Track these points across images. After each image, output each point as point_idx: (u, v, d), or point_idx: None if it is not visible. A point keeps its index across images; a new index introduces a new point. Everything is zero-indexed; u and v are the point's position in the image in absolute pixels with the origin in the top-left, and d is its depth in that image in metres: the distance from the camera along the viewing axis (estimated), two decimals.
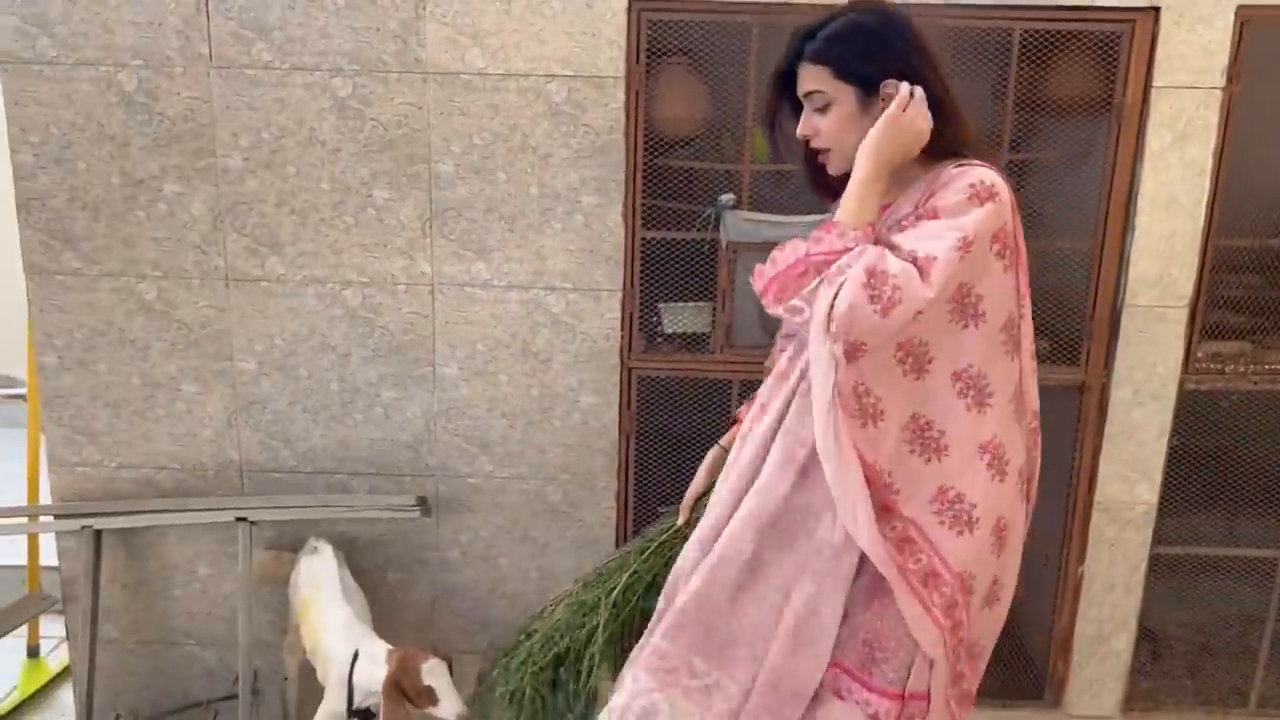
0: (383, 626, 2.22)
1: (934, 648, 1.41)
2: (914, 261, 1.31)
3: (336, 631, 2.10)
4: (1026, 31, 2.16)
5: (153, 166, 2.26)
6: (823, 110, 1.46)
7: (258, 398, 2.40)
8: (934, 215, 1.35)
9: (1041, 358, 2.36)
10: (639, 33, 2.17)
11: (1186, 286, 2.28)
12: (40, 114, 2.25)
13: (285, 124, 2.24)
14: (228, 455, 2.44)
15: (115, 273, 2.33)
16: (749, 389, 2.37)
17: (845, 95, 1.44)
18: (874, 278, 1.29)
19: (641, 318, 2.35)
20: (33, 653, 2.79)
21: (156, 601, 2.55)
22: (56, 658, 2.87)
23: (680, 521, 1.74)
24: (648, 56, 2.18)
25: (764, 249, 2.23)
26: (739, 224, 2.19)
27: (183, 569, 2.52)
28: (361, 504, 2.33)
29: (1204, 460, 2.41)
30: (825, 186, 1.55)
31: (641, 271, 2.29)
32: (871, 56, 1.43)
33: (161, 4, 2.20)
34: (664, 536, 1.77)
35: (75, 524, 2.39)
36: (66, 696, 2.77)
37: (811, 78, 1.46)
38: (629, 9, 2.17)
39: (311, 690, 2.22)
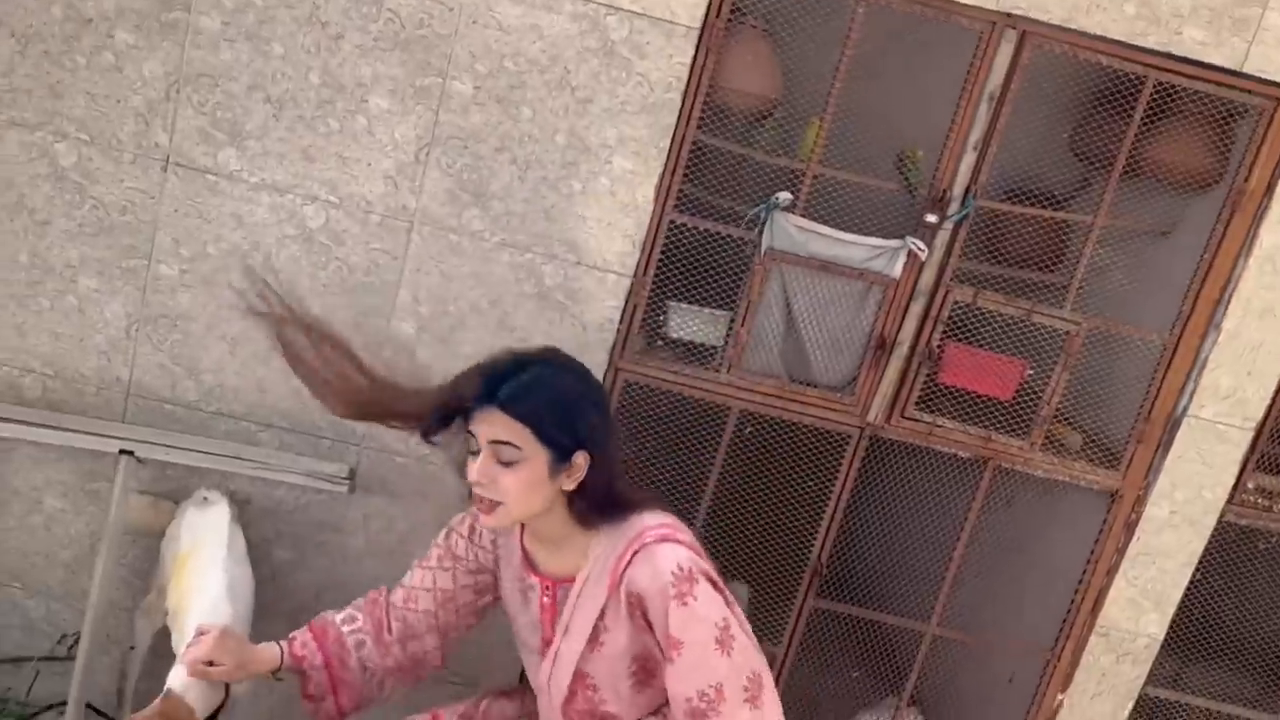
0: (256, 613, 2.22)
1: None
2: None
3: (210, 599, 2.07)
4: (1159, 84, 2.29)
5: (108, 6, 2.24)
6: (508, 464, 1.71)
7: (170, 311, 2.39)
8: (676, 646, 1.68)
9: (1076, 454, 2.51)
10: None
11: (1258, 408, 2.47)
12: None
13: None
14: (116, 372, 2.42)
15: (30, 124, 2.30)
16: (747, 422, 2.46)
17: (539, 458, 1.70)
18: None
19: (646, 314, 2.41)
20: None
21: None
22: None
23: None
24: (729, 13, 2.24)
25: (807, 265, 2.35)
26: (788, 229, 2.30)
27: (26, 496, 2.49)
28: (280, 464, 2.36)
29: (1221, 601, 2.58)
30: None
31: (659, 261, 2.35)
32: (573, 425, 1.72)
33: None
34: None
35: None
36: None
37: (504, 428, 1.70)
38: None
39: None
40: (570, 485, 1.74)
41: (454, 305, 2.42)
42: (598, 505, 1.77)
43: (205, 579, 2.14)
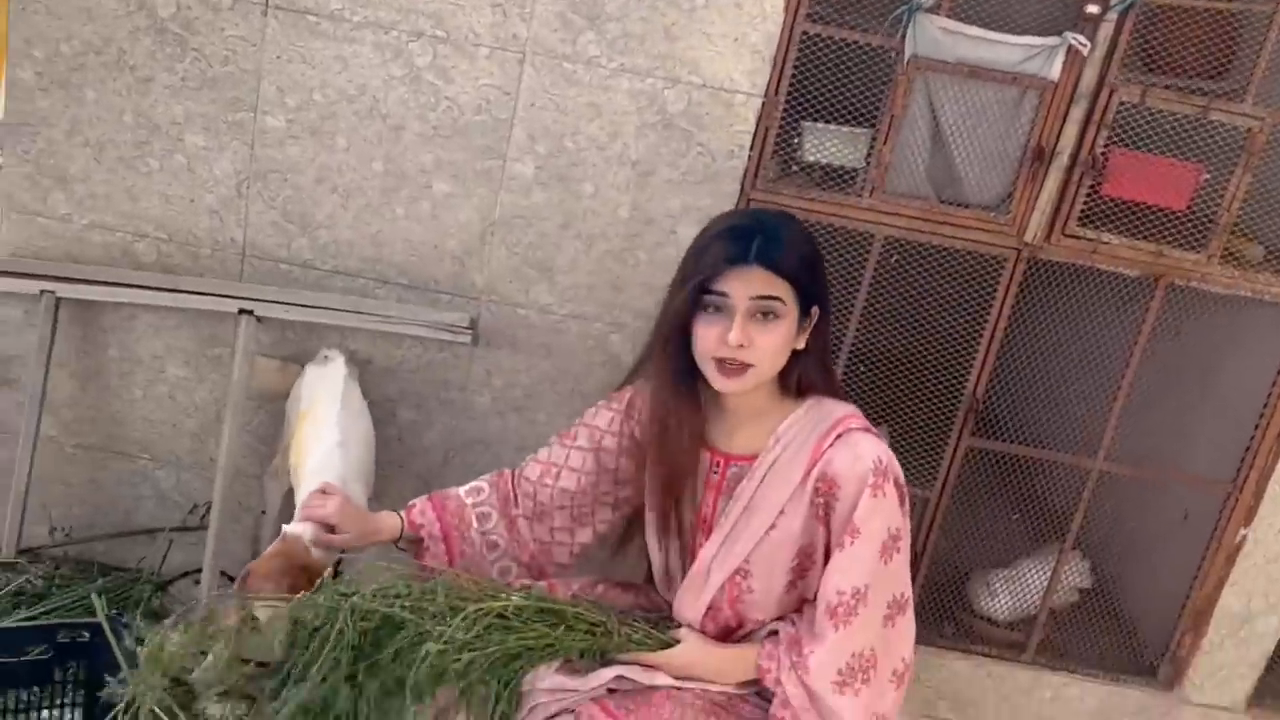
0: (382, 476, 2.37)
1: None
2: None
3: (323, 450, 2.17)
4: None
5: None
6: (765, 321, 1.76)
7: (279, 165, 2.44)
8: (854, 533, 1.75)
9: (1257, 266, 2.43)
10: None
11: None
12: None
13: None
14: (230, 233, 2.49)
15: None
16: (893, 249, 2.43)
17: (793, 313, 1.78)
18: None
19: (779, 137, 2.39)
20: None
21: (110, 401, 2.63)
22: None
23: None
24: None
25: (954, 72, 2.29)
26: (932, 33, 2.25)
27: (148, 365, 2.59)
28: (401, 315, 2.41)
29: None
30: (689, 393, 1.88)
31: (791, 78, 2.31)
32: (817, 277, 1.83)
33: None
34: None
35: (33, 286, 2.42)
36: None
37: (765, 283, 1.75)
38: None
39: None
40: (802, 344, 1.82)
41: (571, 140, 2.42)
42: (820, 367, 1.87)
43: (320, 433, 2.24)
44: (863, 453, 1.77)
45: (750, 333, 1.75)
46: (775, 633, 1.88)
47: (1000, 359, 2.55)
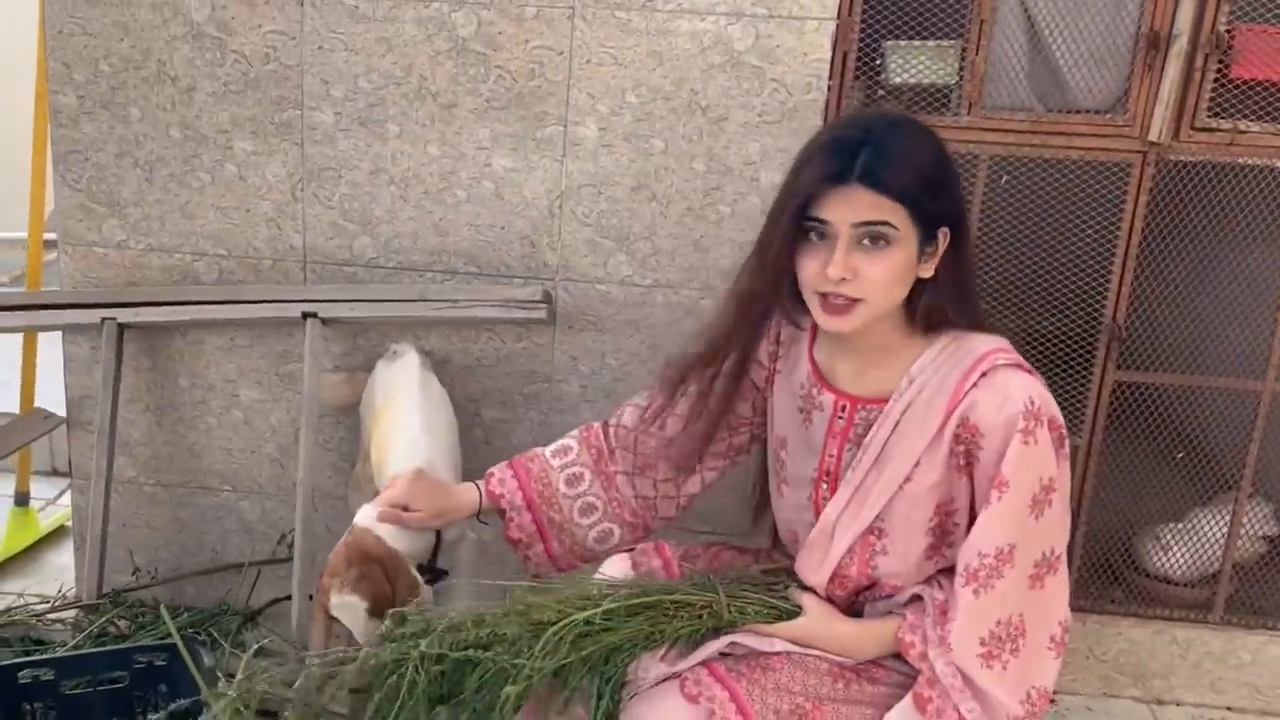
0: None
1: None
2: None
3: (406, 439, 2.06)
4: None
5: None
6: (873, 249, 1.53)
7: (332, 162, 2.37)
8: (1002, 485, 1.53)
9: None
10: None
11: None
12: None
13: None
14: (289, 240, 2.42)
15: None
16: (1002, 169, 2.23)
17: (910, 238, 1.54)
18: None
19: (859, 62, 2.23)
20: (21, 500, 2.85)
21: (186, 433, 2.56)
22: (47, 517, 2.90)
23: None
24: None
25: None
26: None
27: (221, 391, 2.53)
28: (466, 297, 2.28)
29: None
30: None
31: None
32: (941, 194, 1.56)
33: None
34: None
35: (93, 315, 2.38)
36: (57, 560, 2.81)
37: (871, 207, 1.52)
38: None
39: None
40: (928, 272, 1.57)
41: (634, 94, 2.29)
42: (954, 297, 1.60)
43: (399, 425, 2.14)
44: (1012, 393, 1.54)
45: (855, 263, 1.53)
46: (919, 598, 1.66)
47: (1139, 280, 2.32)
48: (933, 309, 1.60)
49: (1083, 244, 2.32)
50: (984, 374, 1.56)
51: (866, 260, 1.52)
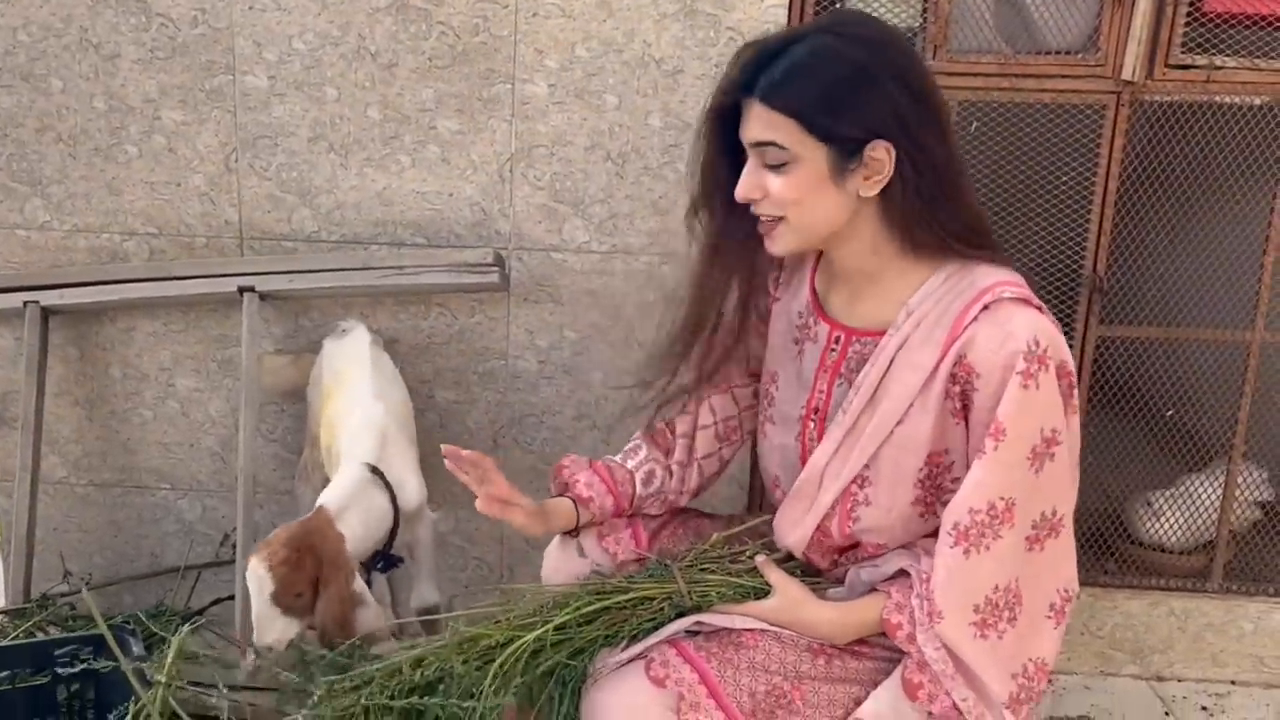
0: (427, 469, 2.11)
1: None
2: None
3: (362, 410, 2.01)
4: None
5: None
6: (777, 168, 1.49)
7: (267, 129, 2.29)
8: (998, 433, 1.43)
9: None
10: None
11: None
12: None
13: None
14: (224, 214, 2.34)
15: None
16: (971, 115, 2.18)
17: (814, 156, 1.47)
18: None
19: (818, 6, 2.22)
20: None
21: (119, 427, 2.47)
22: None
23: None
24: None
25: None
26: None
27: (155, 380, 2.44)
28: (413, 263, 2.19)
29: None
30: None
31: None
32: (855, 108, 1.45)
33: None
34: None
35: (14, 300, 2.29)
36: None
37: (766, 125, 1.48)
38: None
39: None
40: (871, 189, 1.47)
41: (584, 47, 2.23)
42: (919, 216, 1.48)
43: (352, 399, 2.08)
44: (1015, 330, 1.43)
45: (763, 182, 1.48)
46: (905, 574, 1.55)
47: (1118, 228, 2.26)
48: (913, 233, 1.50)
49: (1058, 192, 2.26)
50: (986, 307, 1.45)
51: (773, 178, 1.48)
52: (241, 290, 2.25)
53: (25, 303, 2.29)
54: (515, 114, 2.27)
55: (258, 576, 1.70)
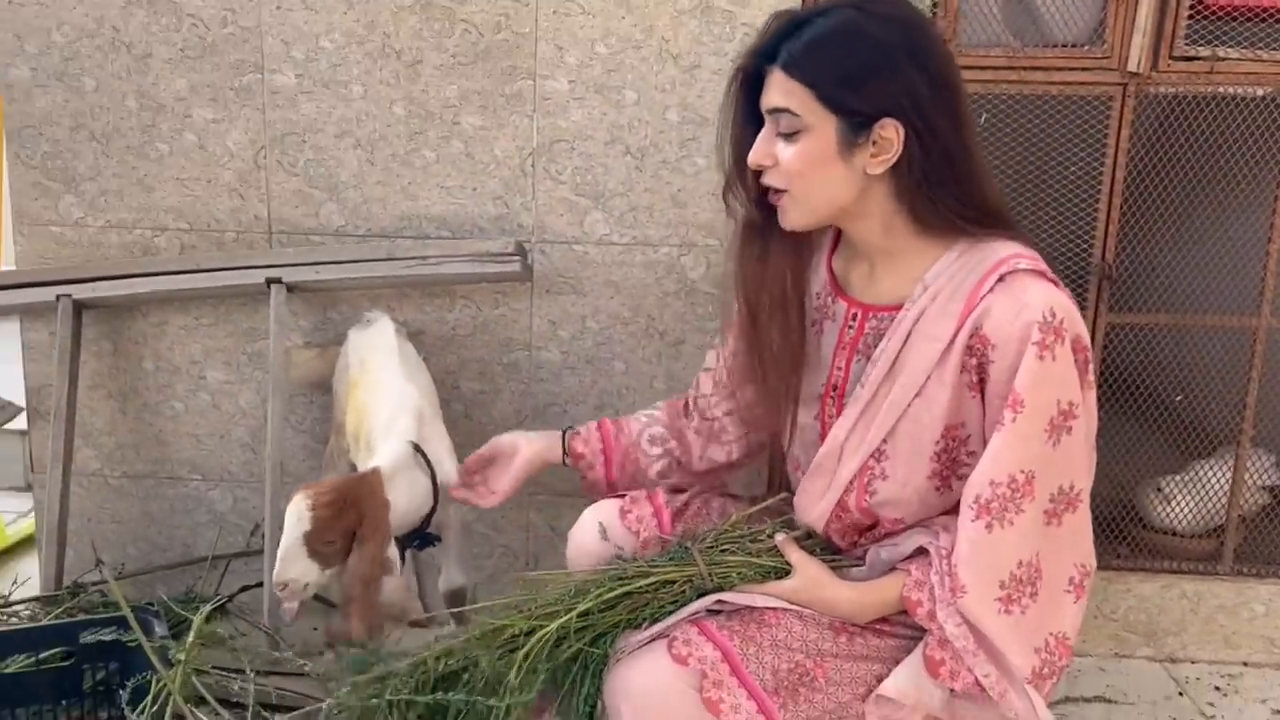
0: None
1: None
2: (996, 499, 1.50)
3: (393, 392, 2.05)
4: None
5: None
6: (789, 137, 1.53)
7: (295, 126, 2.37)
8: (1016, 404, 1.46)
9: None
10: None
11: None
12: None
13: None
14: (253, 209, 2.41)
15: None
16: (980, 108, 2.24)
17: (824, 127, 1.51)
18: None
19: None
20: None
21: (151, 419, 2.53)
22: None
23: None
24: None
25: None
26: None
27: (186, 373, 2.51)
28: (437, 254, 2.25)
29: None
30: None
31: None
32: (869, 83, 1.49)
33: None
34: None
35: (48, 294, 2.35)
36: (22, 568, 2.75)
37: (783, 92, 1.52)
38: None
39: None
40: (878, 167, 1.51)
41: (603, 44, 2.30)
42: (927, 197, 1.52)
43: (379, 386, 2.12)
44: (1030, 300, 1.46)
45: (773, 150, 1.53)
46: (924, 551, 1.59)
47: (1125, 217, 2.32)
48: (927, 210, 1.54)
49: (1067, 182, 2.33)
50: (1001, 279, 1.49)
51: (784, 147, 1.52)
52: (269, 282, 2.32)
53: (58, 296, 2.36)
54: (537, 109, 2.34)
55: (297, 512, 1.72)
